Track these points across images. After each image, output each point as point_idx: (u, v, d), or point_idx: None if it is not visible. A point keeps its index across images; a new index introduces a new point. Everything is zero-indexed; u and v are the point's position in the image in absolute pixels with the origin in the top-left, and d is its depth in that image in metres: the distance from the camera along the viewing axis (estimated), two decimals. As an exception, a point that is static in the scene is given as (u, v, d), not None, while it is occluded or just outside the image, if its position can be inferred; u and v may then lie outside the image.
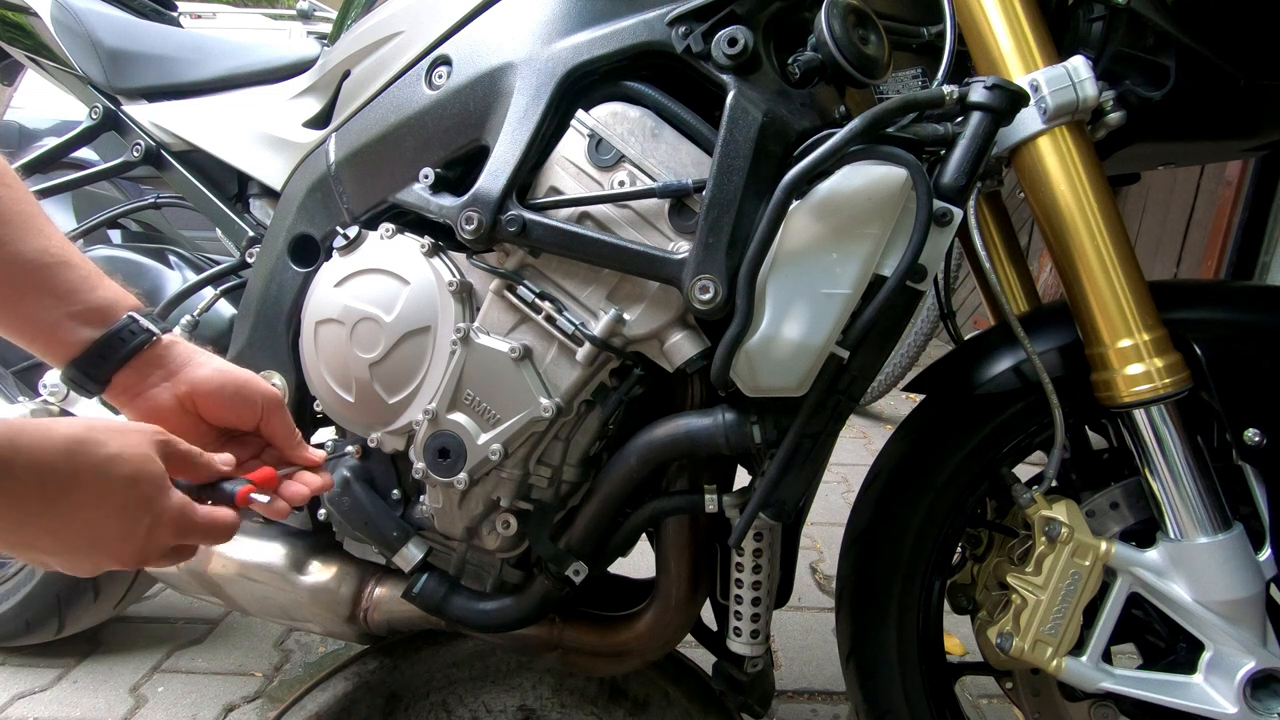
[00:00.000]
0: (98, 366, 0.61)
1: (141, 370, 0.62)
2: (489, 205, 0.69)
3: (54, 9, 1.05)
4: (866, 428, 2.93)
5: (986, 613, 0.80)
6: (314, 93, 0.92)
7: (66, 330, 0.60)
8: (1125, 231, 0.69)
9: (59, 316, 0.60)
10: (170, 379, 0.63)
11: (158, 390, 0.63)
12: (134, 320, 0.62)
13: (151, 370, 0.63)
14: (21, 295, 0.59)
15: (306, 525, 0.94)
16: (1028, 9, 0.69)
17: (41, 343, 0.61)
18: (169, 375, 0.63)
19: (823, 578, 1.73)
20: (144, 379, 0.62)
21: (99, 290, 0.62)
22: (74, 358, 0.61)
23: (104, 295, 0.62)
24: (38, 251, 0.59)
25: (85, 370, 0.61)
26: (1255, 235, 2.65)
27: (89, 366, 0.61)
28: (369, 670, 1.00)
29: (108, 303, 0.62)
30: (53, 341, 0.60)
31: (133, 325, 0.62)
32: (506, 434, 0.73)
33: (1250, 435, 0.69)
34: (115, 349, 0.61)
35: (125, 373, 0.62)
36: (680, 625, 0.87)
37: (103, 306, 0.62)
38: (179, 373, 0.64)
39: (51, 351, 0.61)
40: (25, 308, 0.59)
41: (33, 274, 0.59)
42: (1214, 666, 0.69)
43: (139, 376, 0.62)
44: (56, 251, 0.60)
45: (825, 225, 0.61)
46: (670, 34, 0.66)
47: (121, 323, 0.62)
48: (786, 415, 0.67)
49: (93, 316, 0.61)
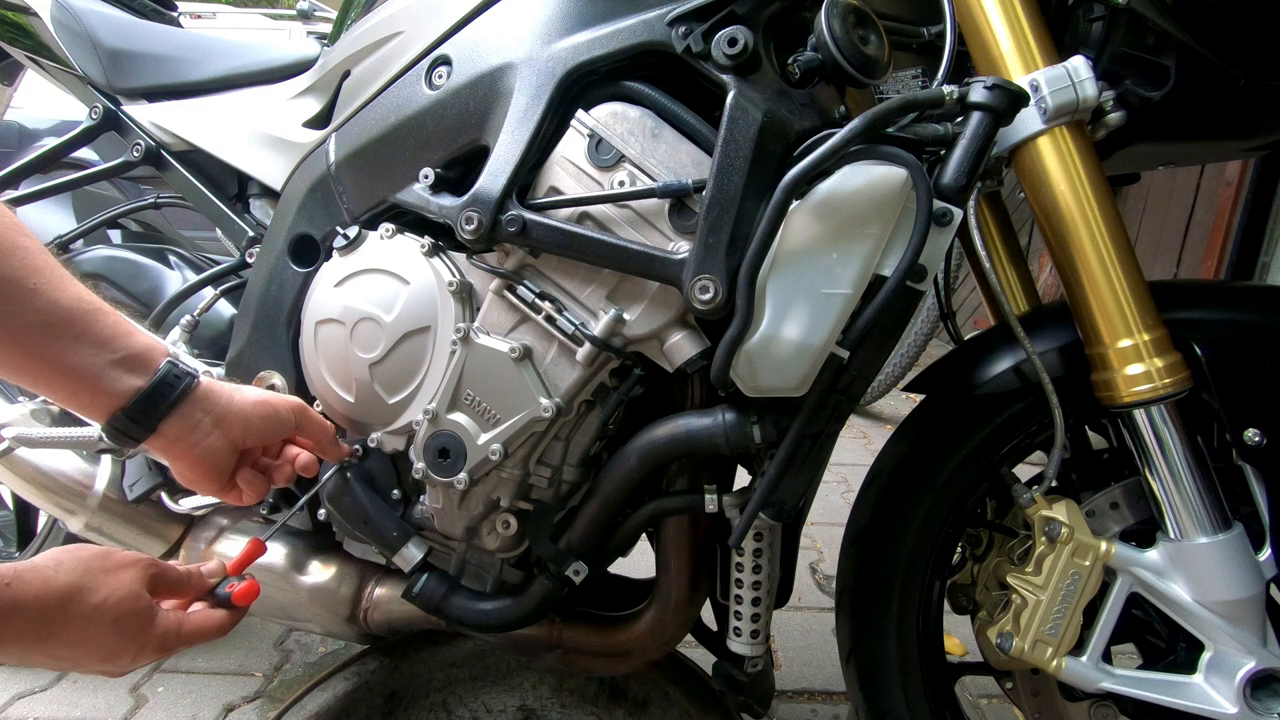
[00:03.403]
0: (148, 414, 0.60)
1: (187, 416, 0.61)
2: (489, 205, 0.68)
3: (54, 9, 1.05)
4: (866, 428, 2.93)
5: (986, 613, 0.80)
6: (314, 93, 0.92)
7: (111, 379, 0.59)
8: (1125, 231, 0.69)
9: (102, 365, 0.58)
10: (221, 424, 0.63)
11: (211, 439, 0.63)
12: (174, 365, 0.61)
13: (198, 416, 0.62)
14: (64, 346, 0.57)
15: (306, 525, 0.94)
16: (1028, 9, 0.69)
17: (86, 394, 0.59)
18: (219, 420, 0.63)
19: (823, 578, 1.73)
20: (193, 427, 0.62)
21: (134, 336, 0.61)
22: (122, 407, 0.59)
23: (141, 340, 0.61)
24: (73, 299, 0.58)
25: (134, 418, 0.59)
26: (1255, 235, 2.65)
27: (139, 414, 0.59)
28: (369, 670, 1.00)
29: (145, 348, 0.61)
30: (97, 391, 0.59)
31: (175, 370, 0.61)
32: (506, 434, 0.73)
33: (1250, 435, 0.69)
34: (164, 394, 0.60)
35: (172, 420, 0.61)
36: (680, 625, 0.86)
37: (142, 352, 0.60)
38: (228, 416, 0.63)
39: (95, 402, 0.59)
40: (68, 358, 0.57)
41: (72, 322, 0.57)
42: (1214, 666, 0.69)
43: (187, 425, 0.61)
44: (90, 299, 0.59)
45: (825, 225, 0.61)
46: (670, 34, 0.66)
47: (165, 368, 0.61)
48: (786, 415, 0.67)
49: (135, 363, 0.60)
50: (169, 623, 0.58)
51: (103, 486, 0.95)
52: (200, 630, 0.60)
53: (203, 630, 0.60)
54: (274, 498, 0.93)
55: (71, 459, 0.97)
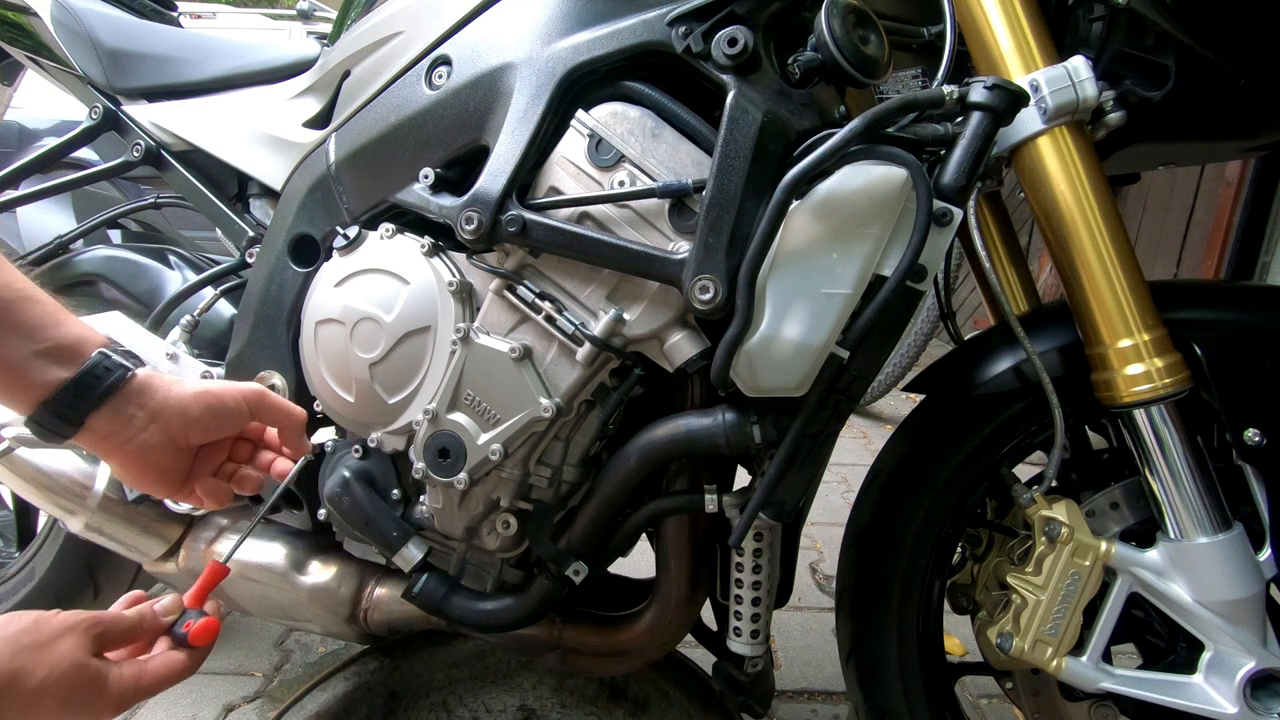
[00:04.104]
0: (72, 407, 0.56)
1: (120, 410, 0.58)
2: (489, 205, 0.68)
3: (54, 9, 1.05)
4: (866, 428, 2.93)
5: (986, 613, 0.80)
6: (314, 93, 0.92)
7: (35, 370, 0.55)
8: (1125, 231, 0.69)
9: (26, 355, 0.55)
10: (157, 418, 0.59)
11: (146, 434, 0.59)
12: (107, 355, 0.58)
13: (131, 410, 0.58)
14: None
15: (306, 525, 0.94)
16: (1028, 9, 0.69)
17: (7, 386, 0.56)
18: (154, 414, 0.59)
19: (823, 578, 1.73)
20: (126, 422, 0.58)
21: (65, 325, 0.57)
22: (45, 399, 0.56)
23: (71, 330, 0.58)
24: (1, 286, 0.55)
25: (58, 412, 0.56)
26: (1255, 235, 2.65)
27: (63, 408, 0.56)
28: (369, 670, 1.00)
29: (76, 338, 0.58)
30: (20, 383, 0.55)
31: (106, 361, 0.57)
32: (506, 434, 0.73)
33: (1250, 435, 0.69)
34: (91, 387, 0.57)
35: (102, 415, 0.57)
36: (680, 625, 0.86)
37: (71, 343, 0.57)
38: (164, 409, 0.59)
39: (18, 395, 0.56)
40: None
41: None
42: (1214, 666, 0.69)
43: (119, 419, 0.58)
44: (20, 285, 0.56)
45: (825, 225, 0.61)
46: (670, 34, 0.66)
47: (94, 359, 0.57)
48: (786, 415, 0.67)
49: (63, 353, 0.57)
50: (124, 681, 0.54)
51: (103, 486, 0.95)
52: (160, 679, 0.56)
53: (163, 678, 0.56)
54: (274, 498, 0.93)
55: (71, 459, 0.96)
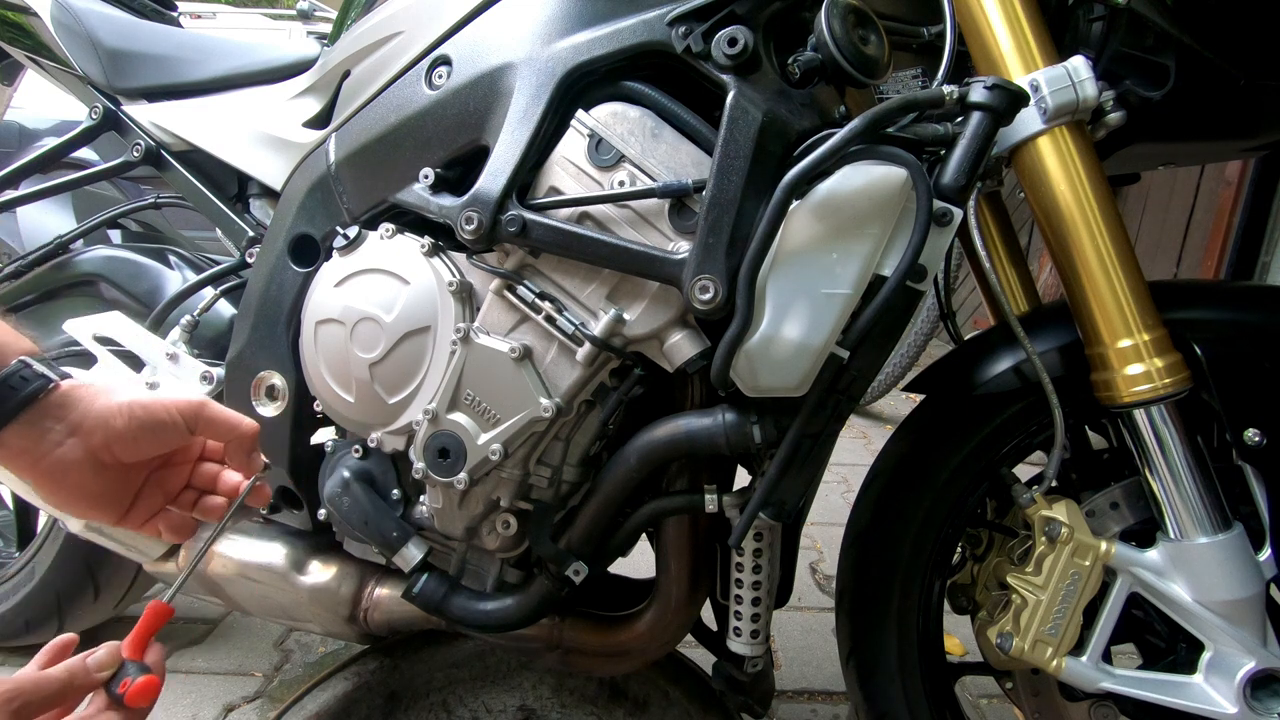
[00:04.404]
0: None
1: (37, 424, 0.53)
2: (489, 205, 0.68)
3: (54, 9, 1.05)
4: (866, 428, 2.93)
5: (986, 613, 0.80)
6: (314, 93, 0.92)
7: None
8: (1125, 231, 0.69)
9: None
10: (77, 431, 0.54)
11: (64, 449, 0.54)
12: (26, 365, 0.53)
13: (49, 424, 0.53)
14: None
15: (306, 525, 0.94)
16: (1028, 9, 0.69)
17: None
18: (74, 428, 0.54)
19: (823, 578, 1.73)
20: (42, 436, 0.53)
21: None
22: None
23: None
24: None
25: None
26: (1255, 235, 2.65)
27: None
28: (369, 670, 1.00)
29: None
30: None
31: (24, 371, 0.53)
32: (506, 434, 0.73)
33: (1250, 435, 0.69)
34: (4, 398, 0.52)
35: (17, 428, 0.52)
36: (680, 625, 0.86)
37: None
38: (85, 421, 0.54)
39: None
40: None
41: None
42: (1214, 666, 0.69)
43: (35, 433, 0.53)
44: None
45: (825, 225, 0.61)
46: (670, 34, 0.66)
47: (10, 368, 0.53)
48: (786, 415, 0.67)
49: None
50: None
51: (103, 486, 0.94)
52: None
53: None
54: (276, 498, 0.93)
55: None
